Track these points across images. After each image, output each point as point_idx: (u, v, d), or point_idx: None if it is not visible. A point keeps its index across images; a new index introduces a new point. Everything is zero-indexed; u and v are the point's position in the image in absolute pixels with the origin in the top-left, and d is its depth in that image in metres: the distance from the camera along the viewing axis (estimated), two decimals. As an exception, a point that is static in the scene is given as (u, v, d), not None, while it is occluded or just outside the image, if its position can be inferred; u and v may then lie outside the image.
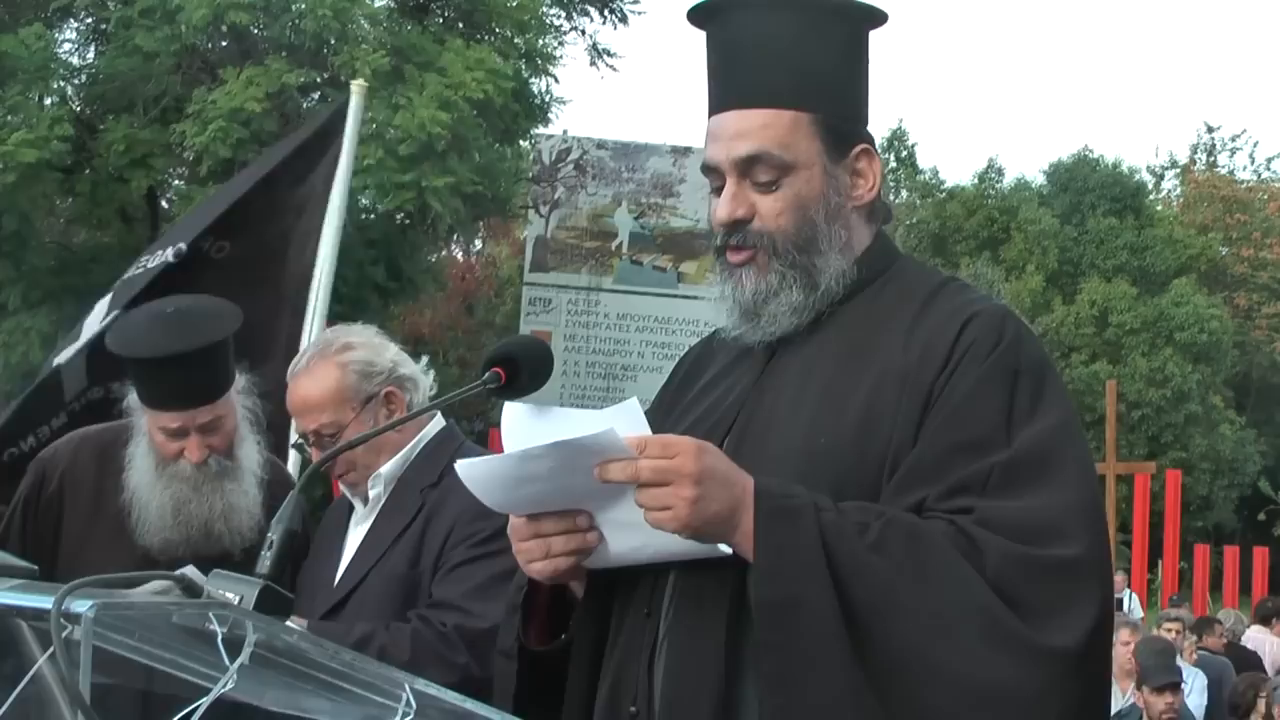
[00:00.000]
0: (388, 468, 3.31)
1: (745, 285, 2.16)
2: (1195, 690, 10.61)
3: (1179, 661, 10.67)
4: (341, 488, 3.45)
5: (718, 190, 2.19)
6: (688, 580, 2.06)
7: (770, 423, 2.13)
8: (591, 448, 1.89)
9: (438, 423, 3.41)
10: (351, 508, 3.43)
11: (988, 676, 1.88)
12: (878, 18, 2.24)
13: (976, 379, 2.04)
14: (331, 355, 3.33)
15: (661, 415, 2.27)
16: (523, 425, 2.04)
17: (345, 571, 3.31)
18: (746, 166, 2.14)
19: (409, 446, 3.34)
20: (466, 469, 1.97)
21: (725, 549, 1.97)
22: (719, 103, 2.19)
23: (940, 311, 2.12)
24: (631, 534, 1.98)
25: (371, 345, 3.39)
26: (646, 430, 1.95)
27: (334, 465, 3.31)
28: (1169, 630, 11.03)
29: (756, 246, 2.15)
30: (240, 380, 3.63)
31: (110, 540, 3.51)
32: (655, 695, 2.06)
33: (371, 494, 3.34)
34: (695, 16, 2.24)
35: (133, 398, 3.58)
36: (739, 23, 2.18)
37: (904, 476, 2.01)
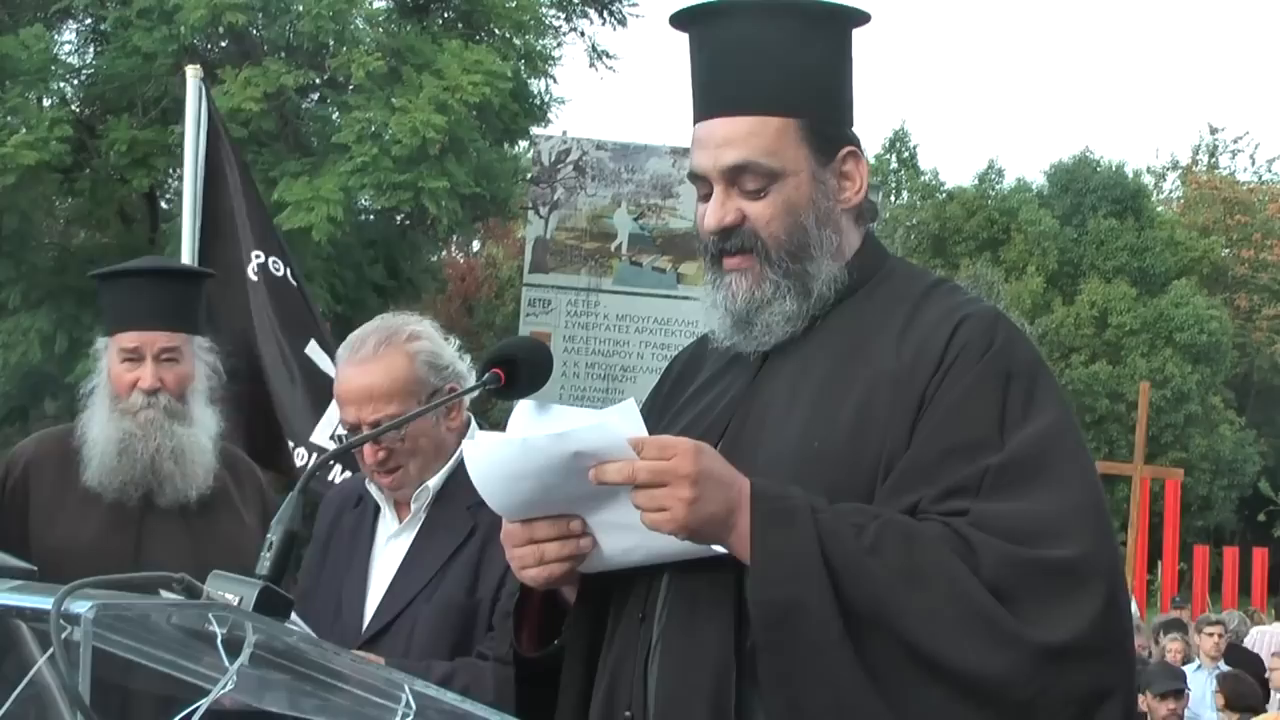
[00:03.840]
0: (435, 480, 3.10)
1: (737, 293, 2.15)
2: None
3: (1201, 667, 10.68)
4: (374, 491, 3.19)
5: (705, 197, 2.18)
6: (681, 583, 2.06)
7: (763, 427, 2.12)
8: (590, 442, 1.90)
9: (475, 429, 3.16)
10: (376, 513, 3.19)
11: (984, 673, 1.87)
12: (860, 18, 2.23)
13: (969, 382, 2.03)
14: (401, 343, 3.08)
15: (654, 418, 2.26)
16: (528, 420, 2.05)
17: (386, 594, 3.08)
18: (734, 175, 2.13)
19: (455, 456, 3.08)
20: (472, 446, 1.97)
21: (719, 549, 1.97)
22: (705, 109, 2.18)
23: (932, 314, 2.12)
24: (625, 535, 1.99)
25: (434, 337, 3.17)
26: (644, 431, 1.95)
27: (374, 463, 3.06)
28: (1211, 634, 11.00)
29: (751, 250, 2.14)
30: (205, 342, 3.67)
31: (78, 506, 3.53)
32: (650, 699, 2.06)
33: (413, 506, 3.11)
34: (678, 21, 2.23)
35: (99, 342, 3.66)
36: (723, 29, 2.17)
37: (898, 479, 2.01)
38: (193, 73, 5.76)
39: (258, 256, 5.49)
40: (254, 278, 5.46)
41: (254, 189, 5.87)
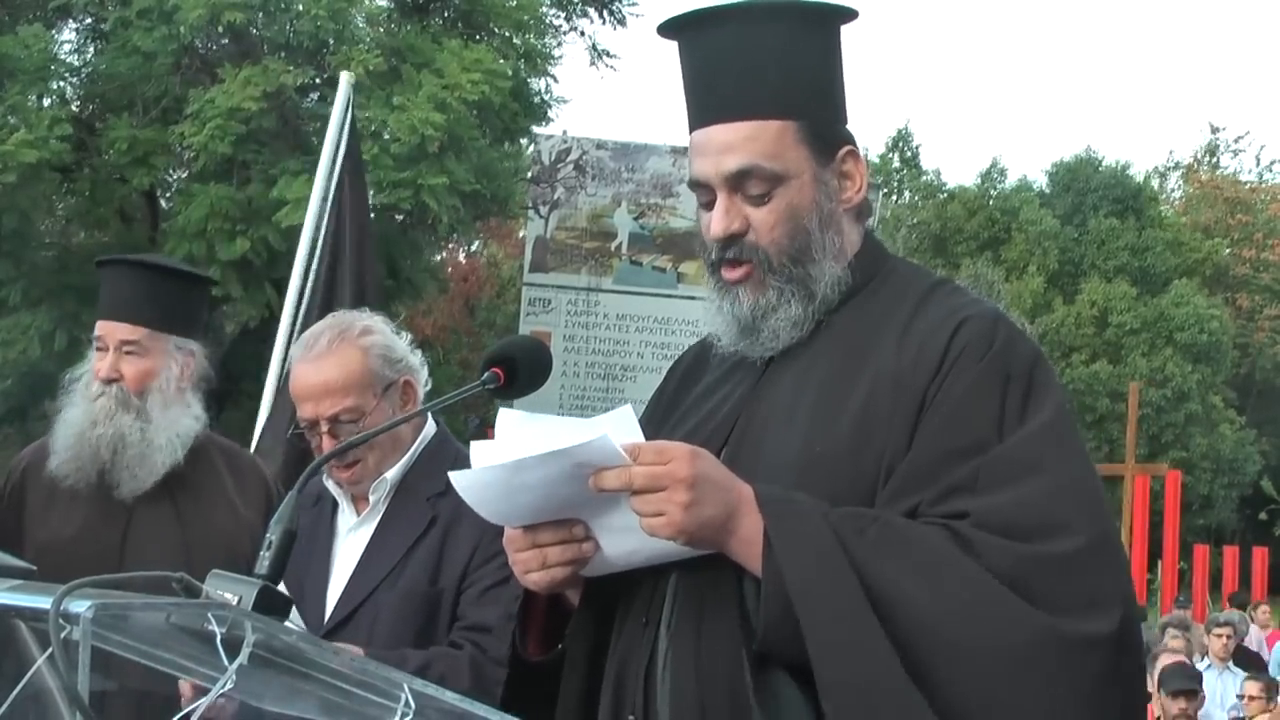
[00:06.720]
0: (394, 471, 3.16)
1: (743, 301, 2.14)
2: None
3: (1211, 666, 10.68)
4: (331, 486, 3.24)
5: (707, 205, 2.16)
6: (689, 590, 2.05)
7: (766, 431, 2.11)
8: (585, 455, 1.89)
9: (432, 424, 3.26)
10: (334, 508, 3.25)
11: (1012, 645, 1.86)
12: (847, 15, 2.22)
13: (969, 384, 2.02)
14: (353, 338, 3.14)
15: (657, 420, 2.26)
16: (515, 432, 2.02)
17: (348, 584, 3.14)
18: (738, 180, 2.12)
19: (413, 449, 3.19)
20: (460, 479, 1.96)
21: None
22: (702, 116, 2.16)
23: (933, 315, 2.11)
24: (627, 538, 1.98)
25: (386, 331, 3.22)
26: (640, 437, 1.94)
27: (334, 460, 3.09)
28: (1220, 635, 11.00)
29: (752, 261, 2.13)
30: (189, 344, 3.64)
31: (69, 501, 3.54)
32: (656, 704, 2.05)
33: (372, 498, 3.18)
34: (667, 30, 2.21)
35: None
36: (716, 35, 2.15)
37: (898, 483, 2.00)
38: (346, 78, 5.75)
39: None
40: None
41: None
